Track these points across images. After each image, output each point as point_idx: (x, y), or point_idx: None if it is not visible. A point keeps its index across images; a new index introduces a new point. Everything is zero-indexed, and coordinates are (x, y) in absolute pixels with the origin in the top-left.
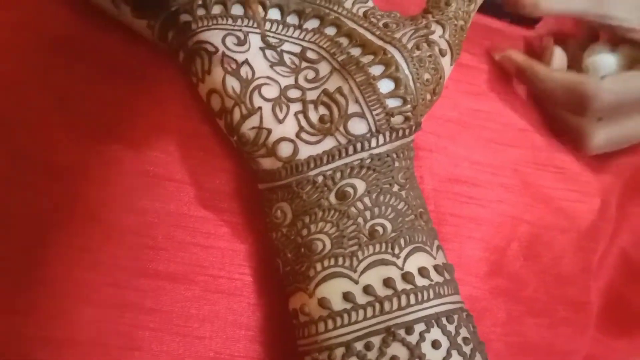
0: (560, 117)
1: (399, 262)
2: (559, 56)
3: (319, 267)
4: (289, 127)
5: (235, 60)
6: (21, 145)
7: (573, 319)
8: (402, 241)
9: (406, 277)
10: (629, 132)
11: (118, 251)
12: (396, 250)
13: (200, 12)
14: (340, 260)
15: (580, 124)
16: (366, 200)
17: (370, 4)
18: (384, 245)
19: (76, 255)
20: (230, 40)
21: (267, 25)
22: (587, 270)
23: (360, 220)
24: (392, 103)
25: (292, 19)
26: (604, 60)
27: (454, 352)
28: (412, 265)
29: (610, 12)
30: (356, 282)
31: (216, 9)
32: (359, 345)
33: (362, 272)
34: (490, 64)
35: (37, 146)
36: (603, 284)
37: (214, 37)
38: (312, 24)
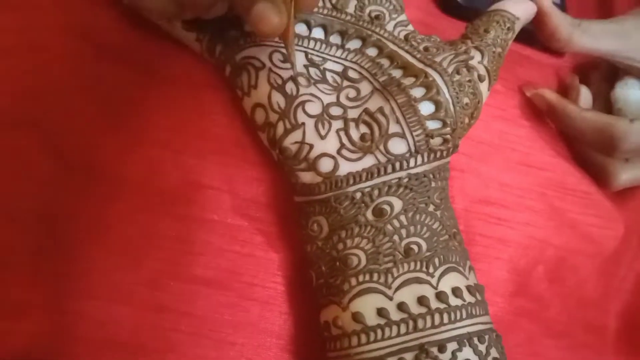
0: (587, 154)
1: (433, 281)
2: (585, 95)
3: (353, 281)
4: (331, 144)
5: (281, 76)
6: (65, 149)
7: (592, 342)
8: (436, 260)
9: (440, 296)
10: None
11: (157, 255)
12: (431, 269)
13: (248, 28)
14: (375, 276)
15: (607, 163)
16: (402, 218)
17: (410, 27)
18: (419, 263)
19: (116, 257)
20: (277, 57)
21: (311, 44)
22: (608, 294)
23: (396, 237)
24: (432, 125)
25: (335, 39)
26: (637, 96)
27: None
28: (446, 284)
29: (637, 55)
30: (390, 299)
31: None
32: None
33: (397, 289)
34: (520, 90)
35: (80, 150)
36: (621, 308)
37: (261, 53)
38: (355, 44)
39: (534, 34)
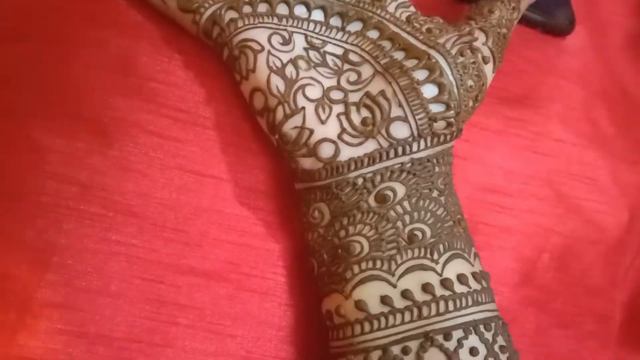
0: None
1: (438, 267)
2: None
3: (356, 269)
4: (331, 128)
5: (280, 59)
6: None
7: (598, 332)
8: (441, 247)
9: (445, 283)
10: None
11: (153, 246)
12: (435, 256)
13: (247, 9)
14: (379, 263)
15: None
16: (406, 204)
17: (412, 8)
18: (423, 250)
19: (112, 248)
20: (276, 40)
21: (311, 26)
22: (613, 283)
23: (399, 224)
24: (435, 108)
25: (335, 21)
26: None
27: None
28: (451, 271)
29: None
30: (394, 286)
31: (262, 8)
32: (395, 349)
33: (401, 276)
34: (525, 71)
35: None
36: (627, 298)
37: (259, 35)
38: (355, 26)
39: (538, 18)
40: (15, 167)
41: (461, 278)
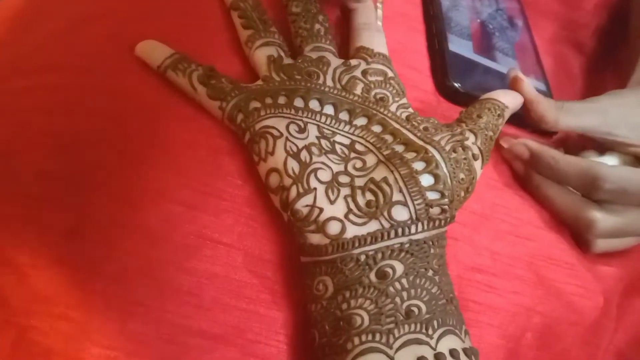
0: (565, 212)
1: (432, 342)
2: None
3: (356, 340)
4: (339, 208)
5: (296, 145)
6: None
7: None
8: (435, 323)
9: (439, 357)
10: (631, 225)
11: (168, 307)
12: (430, 331)
13: (268, 100)
14: (378, 336)
15: (585, 214)
16: (404, 281)
17: (411, 109)
18: (418, 325)
19: (129, 308)
20: (293, 128)
21: (323, 119)
22: None
23: (397, 299)
24: (431, 195)
25: (344, 116)
26: (605, 160)
27: None
28: (444, 346)
29: (614, 130)
30: (392, 359)
31: (281, 100)
32: None
33: (398, 349)
34: (509, 163)
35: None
36: None
37: (279, 123)
38: (361, 121)
39: (524, 119)
40: None
41: (453, 353)
